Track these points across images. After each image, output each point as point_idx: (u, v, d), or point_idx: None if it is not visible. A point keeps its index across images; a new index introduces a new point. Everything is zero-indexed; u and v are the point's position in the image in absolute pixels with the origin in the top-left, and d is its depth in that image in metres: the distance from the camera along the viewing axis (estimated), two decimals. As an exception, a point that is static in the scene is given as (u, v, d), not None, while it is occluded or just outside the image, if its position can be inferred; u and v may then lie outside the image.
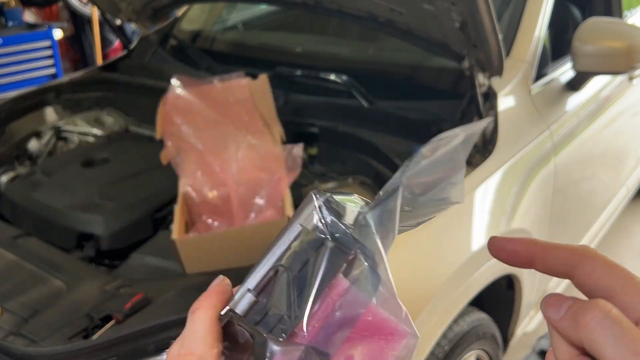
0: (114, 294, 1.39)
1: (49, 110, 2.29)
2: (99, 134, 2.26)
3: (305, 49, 2.22)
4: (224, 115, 1.85)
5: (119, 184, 1.86)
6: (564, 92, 1.95)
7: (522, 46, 1.80)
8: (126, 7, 2.30)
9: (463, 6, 1.38)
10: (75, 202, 1.77)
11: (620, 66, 1.83)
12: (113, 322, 1.28)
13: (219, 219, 1.68)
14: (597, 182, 2.34)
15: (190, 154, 1.77)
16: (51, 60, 4.34)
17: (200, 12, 2.58)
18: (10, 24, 4.37)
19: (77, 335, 1.26)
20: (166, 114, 1.84)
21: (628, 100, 2.35)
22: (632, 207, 3.06)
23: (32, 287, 1.42)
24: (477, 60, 1.55)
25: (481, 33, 1.41)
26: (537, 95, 1.81)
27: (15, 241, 1.61)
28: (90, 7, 4.72)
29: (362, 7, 1.72)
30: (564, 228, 2.07)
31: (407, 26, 1.68)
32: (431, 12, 1.50)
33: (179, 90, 1.86)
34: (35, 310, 1.34)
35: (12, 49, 4.16)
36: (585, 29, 1.83)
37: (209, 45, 2.43)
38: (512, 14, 1.87)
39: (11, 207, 1.86)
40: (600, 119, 2.12)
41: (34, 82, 4.05)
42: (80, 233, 1.69)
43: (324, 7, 1.81)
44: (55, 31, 4.36)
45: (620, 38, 1.83)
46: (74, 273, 1.47)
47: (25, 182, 1.93)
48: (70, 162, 2.02)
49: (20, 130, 2.20)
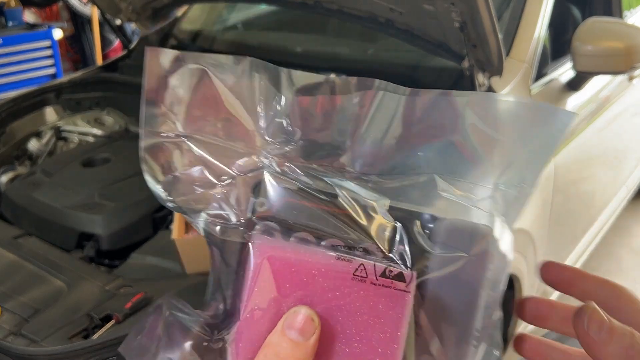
0: (114, 293, 1.39)
1: (49, 110, 2.30)
2: (99, 134, 2.26)
3: (305, 49, 2.22)
4: (224, 115, 1.85)
5: (119, 184, 1.86)
6: (563, 92, 1.95)
7: (522, 46, 1.80)
8: (126, 7, 2.30)
9: (463, 6, 1.38)
10: (75, 202, 1.77)
11: (620, 66, 1.83)
12: (113, 322, 1.28)
13: (219, 219, 1.68)
14: (597, 182, 2.34)
15: (190, 154, 1.77)
16: (51, 60, 4.34)
17: (200, 12, 2.58)
18: (10, 24, 4.37)
19: (77, 335, 1.26)
20: (166, 114, 1.84)
21: (628, 100, 2.35)
22: (632, 207, 3.06)
23: (32, 286, 1.42)
24: (477, 60, 1.55)
25: (481, 33, 1.42)
26: (537, 95, 1.81)
27: (15, 241, 1.61)
28: (90, 7, 4.72)
29: (362, 7, 1.72)
30: (564, 228, 2.07)
31: (407, 26, 1.68)
32: (431, 12, 1.51)
33: (179, 90, 1.86)
34: (35, 310, 1.35)
35: (12, 49, 4.16)
36: (585, 29, 1.84)
37: (209, 45, 2.43)
38: (512, 14, 1.87)
39: (11, 207, 1.86)
40: (600, 119, 2.12)
41: (34, 82, 4.05)
42: (81, 233, 1.69)
43: (324, 7, 1.81)
44: (55, 31, 4.36)
45: (620, 38, 1.83)
46: (74, 273, 1.47)
47: (25, 182, 1.93)
48: (70, 162, 2.03)
49: (21, 130, 2.20)
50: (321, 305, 0.35)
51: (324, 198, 0.38)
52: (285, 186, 0.37)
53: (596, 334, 0.34)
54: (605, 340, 0.33)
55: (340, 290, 0.36)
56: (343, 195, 0.38)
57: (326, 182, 0.38)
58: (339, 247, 0.37)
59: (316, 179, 0.38)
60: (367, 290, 0.36)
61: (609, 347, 0.33)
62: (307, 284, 0.36)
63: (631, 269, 2.76)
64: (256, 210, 0.37)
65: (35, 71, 4.28)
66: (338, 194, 0.38)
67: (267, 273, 0.36)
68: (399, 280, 0.36)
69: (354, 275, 0.36)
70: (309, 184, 0.38)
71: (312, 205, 0.37)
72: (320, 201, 0.38)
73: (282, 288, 0.36)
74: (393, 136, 0.38)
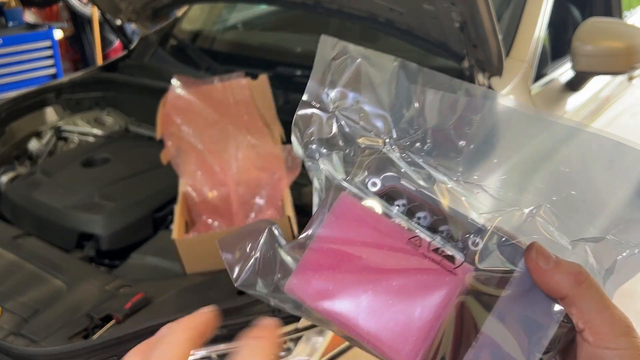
0: (114, 293, 1.39)
1: (49, 110, 2.30)
2: (99, 134, 2.26)
3: (305, 49, 2.22)
4: (224, 115, 1.85)
5: (119, 184, 1.86)
6: (563, 92, 1.95)
7: (521, 46, 1.80)
8: (126, 7, 2.30)
9: (463, 6, 1.38)
10: (75, 202, 1.77)
11: (620, 66, 1.84)
12: (113, 322, 1.28)
13: (219, 219, 1.68)
14: (597, 182, 2.34)
15: (190, 154, 1.77)
16: (51, 60, 4.34)
17: (200, 12, 2.58)
18: (10, 24, 4.37)
19: (77, 335, 1.26)
20: (166, 114, 1.84)
21: (627, 100, 2.35)
22: (632, 207, 3.05)
23: (32, 287, 1.42)
24: (477, 60, 1.55)
25: (481, 33, 1.42)
26: (536, 95, 1.81)
27: (15, 241, 1.61)
28: (90, 7, 4.72)
29: (362, 7, 1.72)
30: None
31: (407, 26, 1.68)
32: (431, 12, 1.51)
33: (179, 90, 1.86)
34: (35, 310, 1.35)
35: (12, 49, 4.16)
36: (585, 29, 1.84)
37: (209, 45, 2.43)
38: (512, 14, 1.87)
39: (11, 207, 1.86)
40: (600, 119, 2.12)
41: (34, 82, 4.05)
42: (81, 233, 1.69)
43: (324, 7, 1.81)
44: (55, 31, 4.36)
45: (620, 38, 1.83)
46: (74, 273, 1.47)
47: (25, 182, 1.93)
48: (70, 162, 2.03)
49: (21, 130, 2.20)
50: (376, 259, 0.40)
51: (428, 194, 0.42)
52: (395, 174, 0.43)
53: (545, 264, 0.36)
54: (553, 268, 0.36)
55: (395, 249, 0.40)
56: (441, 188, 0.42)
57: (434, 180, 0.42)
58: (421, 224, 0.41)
59: (426, 174, 0.43)
60: (417, 258, 0.39)
61: (558, 275, 0.36)
62: (370, 236, 0.40)
63: (631, 269, 2.76)
64: (367, 187, 0.43)
65: (36, 71, 4.28)
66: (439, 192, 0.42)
67: (339, 216, 0.42)
68: (449, 260, 0.38)
69: (408, 240, 0.40)
70: (420, 176, 0.43)
71: (410, 195, 0.42)
72: (423, 195, 0.42)
73: (348, 232, 0.41)
74: (504, 153, 0.41)
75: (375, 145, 0.44)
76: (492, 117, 0.41)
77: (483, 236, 0.39)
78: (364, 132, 0.44)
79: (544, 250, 0.37)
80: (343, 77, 0.44)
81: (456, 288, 0.38)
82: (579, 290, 0.35)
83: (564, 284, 0.36)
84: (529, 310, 0.37)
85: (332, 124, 0.44)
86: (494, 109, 0.41)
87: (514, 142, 0.41)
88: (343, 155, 0.44)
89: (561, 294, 0.36)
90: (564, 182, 0.39)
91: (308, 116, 0.45)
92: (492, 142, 0.41)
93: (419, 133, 0.43)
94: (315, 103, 0.45)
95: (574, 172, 0.39)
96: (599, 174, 0.39)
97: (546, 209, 0.39)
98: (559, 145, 0.39)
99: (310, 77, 0.45)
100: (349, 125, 0.44)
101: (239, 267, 0.42)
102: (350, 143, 0.44)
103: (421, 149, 0.43)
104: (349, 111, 0.44)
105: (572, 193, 0.39)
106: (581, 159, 0.39)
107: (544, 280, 0.36)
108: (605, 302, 0.35)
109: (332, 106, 0.45)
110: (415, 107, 0.43)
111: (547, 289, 0.36)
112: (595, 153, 0.39)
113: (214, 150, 1.76)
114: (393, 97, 0.43)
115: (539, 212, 0.39)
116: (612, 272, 0.39)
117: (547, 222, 0.39)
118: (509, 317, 0.37)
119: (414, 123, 0.43)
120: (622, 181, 0.38)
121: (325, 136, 0.44)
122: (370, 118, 0.44)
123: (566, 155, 0.39)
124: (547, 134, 0.40)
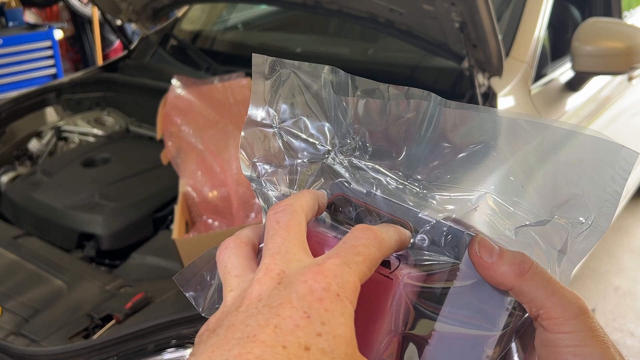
0: (115, 293, 1.39)
1: (49, 110, 2.30)
2: (99, 134, 2.26)
3: (305, 49, 2.22)
4: (224, 115, 1.85)
5: (119, 184, 1.87)
6: (563, 92, 1.95)
7: (521, 46, 1.80)
8: (126, 8, 2.30)
9: (463, 6, 1.38)
10: (75, 202, 1.77)
11: (620, 66, 1.84)
12: (113, 322, 1.28)
13: (219, 219, 1.68)
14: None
15: (190, 154, 1.77)
16: (51, 60, 4.34)
17: (200, 12, 2.58)
18: (10, 25, 4.37)
19: (78, 335, 1.26)
20: (166, 114, 1.85)
21: (627, 100, 2.35)
22: (632, 207, 3.06)
23: (32, 287, 1.42)
24: (477, 61, 1.55)
25: (481, 33, 1.42)
26: (536, 95, 1.81)
27: (15, 241, 1.61)
28: (90, 8, 4.72)
29: (362, 7, 1.72)
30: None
31: (407, 26, 1.69)
32: (431, 13, 1.51)
33: (179, 90, 1.87)
34: (35, 310, 1.35)
35: (12, 49, 4.16)
36: (585, 29, 1.84)
37: (209, 45, 2.43)
38: (512, 14, 1.87)
39: (12, 207, 1.86)
40: (600, 119, 2.12)
41: (34, 82, 4.05)
42: (81, 233, 1.69)
43: (324, 7, 1.81)
44: (55, 31, 4.37)
45: (620, 38, 1.83)
46: (75, 273, 1.48)
47: (25, 182, 1.94)
48: (70, 162, 2.03)
49: (21, 130, 2.20)
50: None
51: (380, 196, 0.42)
52: (340, 182, 0.43)
53: (488, 257, 0.36)
54: (497, 260, 0.36)
55: None
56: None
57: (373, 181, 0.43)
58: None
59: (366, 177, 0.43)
60: None
61: (502, 267, 0.36)
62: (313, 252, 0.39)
63: (631, 269, 2.76)
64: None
65: (36, 71, 4.28)
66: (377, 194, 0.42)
67: None
68: (384, 266, 0.38)
69: None
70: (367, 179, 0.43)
71: (357, 202, 0.42)
72: (370, 200, 0.42)
73: None
74: (443, 146, 0.41)
75: (320, 155, 0.44)
76: (425, 116, 0.41)
77: (431, 232, 0.39)
78: (307, 144, 0.45)
79: (486, 242, 0.37)
80: (279, 92, 0.45)
81: (391, 291, 0.37)
82: (524, 279, 0.35)
83: (508, 276, 0.35)
84: (479, 302, 0.37)
85: (276, 139, 0.45)
86: (424, 109, 0.41)
87: (450, 137, 0.41)
88: (289, 169, 0.45)
89: (508, 285, 0.36)
90: (502, 170, 0.39)
91: (254, 135, 0.45)
92: (430, 139, 0.41)
93: (358, 139, 0.43)
94: (259, 121, 0.45)
95: (509, 158, 0.39)
96: (532, 157, 0.39)
97: (490, 198, 0.39)
98: (489, 134, 0.39)
99: (250, 97, 0.46)
100: (293, 139, 0.45)
101: (202, 299, 0.43)
102: (295, 156, 0.45)
103: (363, 153, 0.43)
104: (291, 125, 0.45)
105: (510, 179, 0.39)
106: (509, 144, 0.39)
107: (489, 274, 0.36)
108: (554, 286, 0.35)
109: (275, 122, 0.45)
110: (350, 114, 0.43)
111: (493, 282, 0.36)
112: (522, 138, 0.39)
113: (214, 150, 1.76)
114: (329, 106, 0.44)
115: (483, 202, 0.39)
116: (565, 253, 0.38)
117: (490, 212, 0.39)
118: (459, 310, 0.37)
119: (351, 130, 0.44)
120: (548, 160, 0.38)
121: (272, 152, 0.45)
122: (312, 129, 0.45)
123: (500, 144, 0.39)
124: (475, 124, 0.40)
